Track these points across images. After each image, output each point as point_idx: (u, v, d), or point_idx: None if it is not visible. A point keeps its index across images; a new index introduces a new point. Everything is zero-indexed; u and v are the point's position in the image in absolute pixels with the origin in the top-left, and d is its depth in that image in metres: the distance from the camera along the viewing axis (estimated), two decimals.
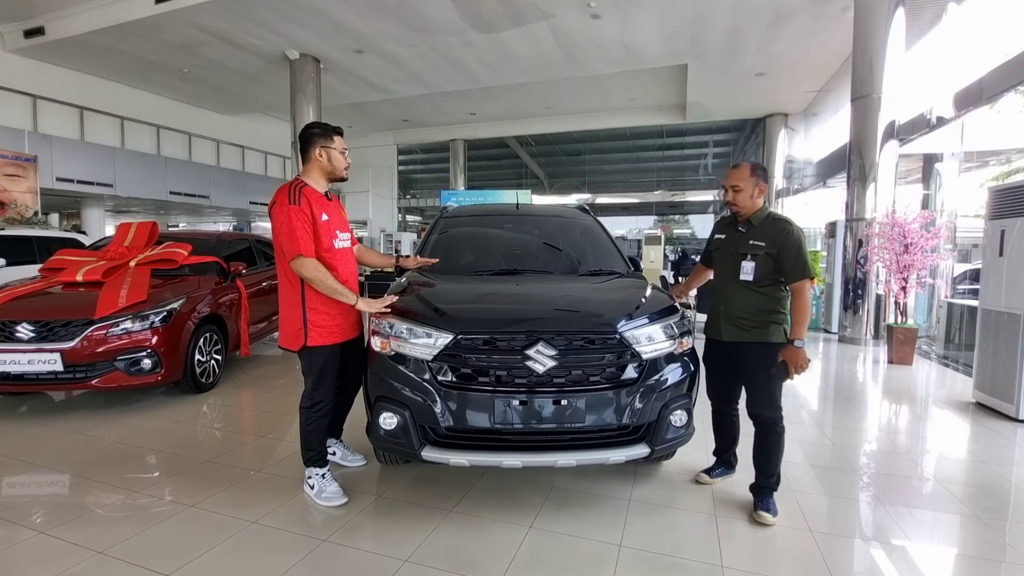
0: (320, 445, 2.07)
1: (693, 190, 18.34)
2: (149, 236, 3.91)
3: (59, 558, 1.67)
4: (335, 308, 1.97)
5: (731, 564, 1.68)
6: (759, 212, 1.99)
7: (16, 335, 2.92)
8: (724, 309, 2.02)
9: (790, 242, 1.88)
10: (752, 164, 2.00)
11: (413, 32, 7.74)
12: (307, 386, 2.02)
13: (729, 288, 2.00)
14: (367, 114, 12.97)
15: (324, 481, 2.05)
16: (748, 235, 1.97)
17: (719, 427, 2.23)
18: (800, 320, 1.88)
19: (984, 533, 1.92)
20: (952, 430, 3.13)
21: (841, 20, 6.85)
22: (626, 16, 7.20)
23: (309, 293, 1.93)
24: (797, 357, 1.84)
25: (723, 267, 2.07)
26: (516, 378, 1.81)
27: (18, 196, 7.57)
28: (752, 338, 1.94)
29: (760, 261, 1.93)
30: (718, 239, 2.12)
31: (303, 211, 1.86)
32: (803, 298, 1.89)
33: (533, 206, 3.88)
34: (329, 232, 1.96)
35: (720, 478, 2.23)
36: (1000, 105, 5.36)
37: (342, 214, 2.09)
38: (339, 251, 2.01)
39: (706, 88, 10.28)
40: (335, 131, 2.00)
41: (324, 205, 1.96)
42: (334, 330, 1.99)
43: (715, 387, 2.18)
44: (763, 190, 1.98)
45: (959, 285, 6.92)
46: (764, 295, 1.94)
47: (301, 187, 1.92)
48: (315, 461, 2.06)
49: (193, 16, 7.06)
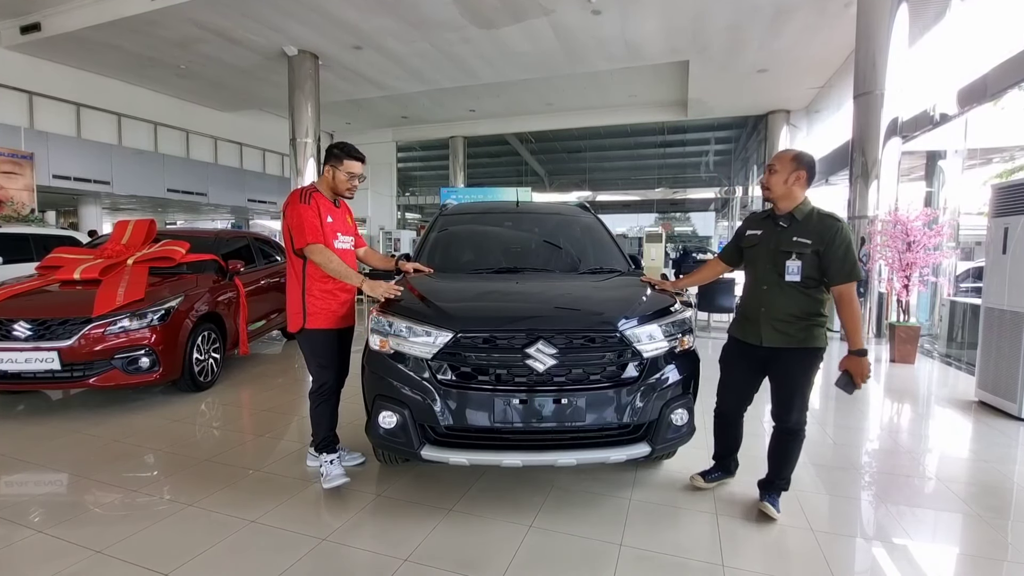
0: (326, 430, 2.17)
1: (694, 187, 18.30)
2: (147, 234, 3.88)
3: (57, 557, 1.66)
4: (331, 296, 2.16)
5: (732, 564, 1.67)
6: (802, 206, 1.82)
7: (13, 333, 2.90)
8: (765, 311, 1.84)
9: (838, 240, 1.73)
10: (799, 152, 1.84)
11: (412, 28, 7.69)
12: (311, 370, 2.20)
13: (772, 289, 1.83)
14: (366, 111, 12.91)
15: (331, 467, 2.13)
16: (791, 231, 1.80)
17: (723, 432, 2.10)
18: (855, 327, 1.76)
19: (986, 532, 1.91)
20: (954, 429, 3.12)
21: (844, 16, 6.80)
22: (627, 12, 7.15)
23: (308, 282, 2.14)
24: (861, 367, 1.74)
25: (762, 266, 1.87)
26: (516, 377, 1.80)
27: (14, 194, 7.54)
28: (795, 343, 1.80)
29: (807, 260, 1.77)
30: (752, 235, 1.92)
31: (312, 209, 2.11)
32: (853, 302, 1.75)
33: (533, 204, 3.85)
34: (330, 233, 2.16)
35: (716, 483, 2.13)
36: (1004, 102, 5.32)
37: (346, 220, 2.31)
38: (339, 251, 2.18)
39: (707, 85, 10.23)
40: (351, 156, 2.21)
41: (330, 210, 2.20)
42: (329, 315, 2.16)
43: (731, 389, 2.01)
44: (801, 179, 1.80)
45: (962, 283, 6.89)
46: (809, 297, 1.80)
47: (312, 191, 2.17)
48: (323, 446, 2.16)
49: (190, 12, 7.01)
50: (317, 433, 2.18)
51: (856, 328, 1.77)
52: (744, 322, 1.94)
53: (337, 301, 2.17)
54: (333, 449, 2.18)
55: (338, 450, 2.21)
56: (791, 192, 1.83)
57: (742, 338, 1.95)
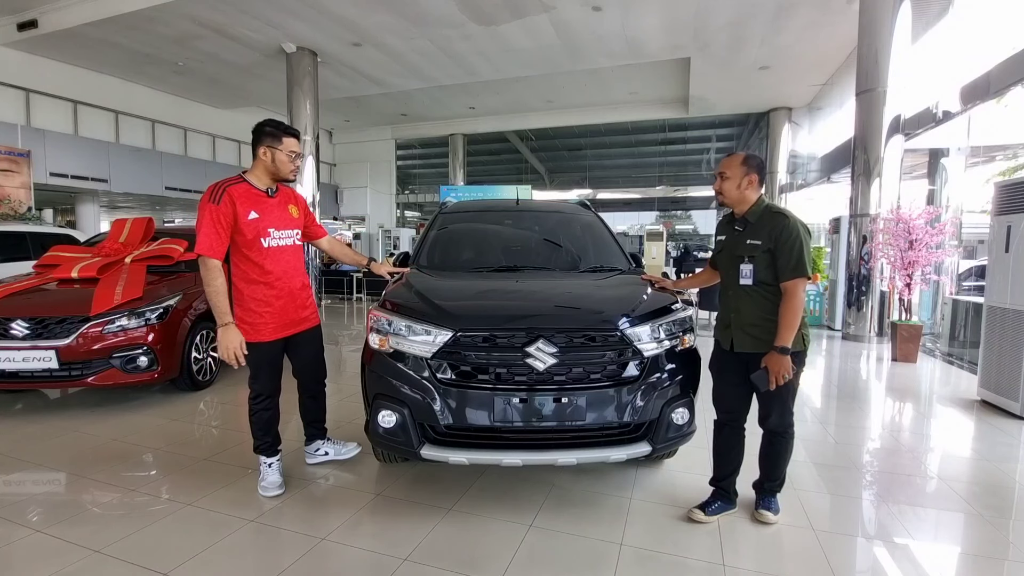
0: (263, 435, 2.07)
1: (696, 185, 18.24)
2: (144, 232, 3.87)
3: (55, 557, 1.65)
4: (263, 305, 1.97)
5: (733, 563, 1.66)
6: (755, 207, 1.83)
7: (11, 332, 2.89)
8: (735, 316, 1.86)
9: (785, 236, 1.72)
10: (746, 154, 1.86)
11: (412, 25, 7.64)
12: (249, 377, 2.06)
13: (736, 294, 1.85)
14: (365, 108, 12.86)
15: (268, 470, 2.08)
16: (745, 234, 1.83)
17: (723, 447, 1.97)
18: (788, 324, 1.70)
19: (988, 531, 1.90)
20: (956, 428, 3.11)
21: (847, 12, 6.75)
22: (628, 8, 7.10)
23: (235, 289, 1.96)
24: (780, 365, 1.69)
25: (727, 271, 1.90)
26: (516, 375, 1.79)
27: (11, 192, 7.50)
28: (766, 348, 1.76)
29: (759, 262, 1.78)
30: (720, 240, 1.98)
31: (220, 210, 1.87)
32: (794, 299, 1.70)
33: (533, 202, 3.83)
34: (256, 230, 1.94)
35: (717, 515, 1.91)
36: (1007, 99, 5.29)
37: (286, 211, 2.06)
38: (271, 249, 1.98)
39: (709, 82, 10.18)
40: (287, 132, 1.99)
41: (257, 203, 1.95)
42: (262, 328, 1.99)
43: (724, 399, 1.95)
44: (753, 182, 1.81)
45: (964, 282, 6.88)
46: (771, 300, 1.78)
47: (228, 186, 1.92)
48: (260, 450, 2.09)
49: (188, 8, 6.97)
50: (254, 438, 2.07)
51: (788, 325, 1.71)
52: (721, 327, 1.95)
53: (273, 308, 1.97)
54: (274, 451, 2.08)
55: (279, 452, 2.11)
56: (744, 196, 1.84)
57: (722, 343, 1.94)
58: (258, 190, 1.98)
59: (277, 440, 2.12)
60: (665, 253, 14.33)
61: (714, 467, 2.01)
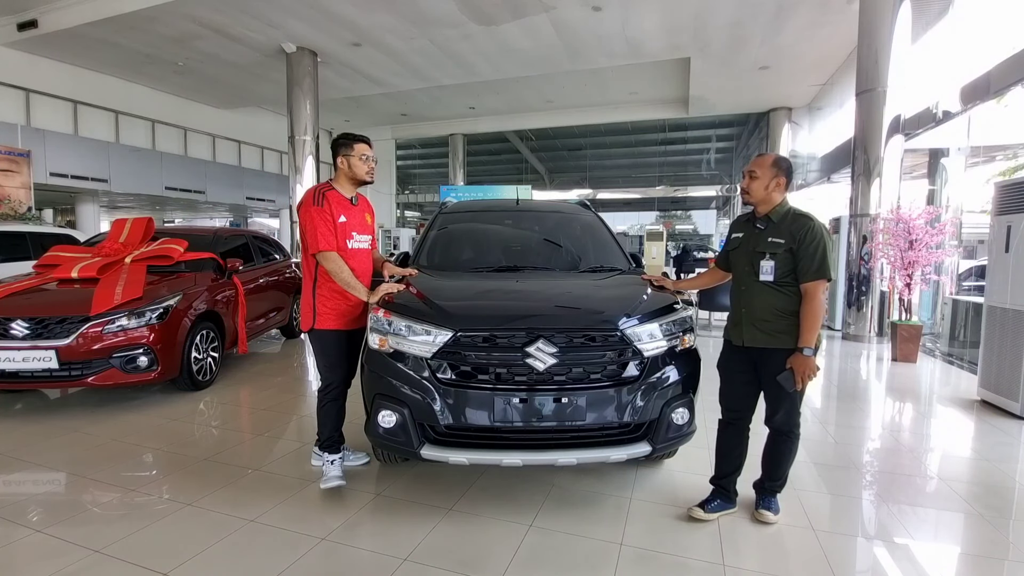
0: (331, 429, 2.15)
1: (696, 185, 18.27)
2: (144, 232, 3.86)
3: (55, 556, 1.65)
4: (339, 298, 2.15)
5: (733, 563, 1.66)
6: (779, 208, 1.86)
7: (11, 332, 2.88)
8: (746, 312, 1.87)
9: (809, 238, 1.75)
10: (777, 156, 1.89)
11: (411, 24, 7.65)
12: (319, 369, 2.20)
13: (750, 289, 1.87)
14: (365, 108, 12.86)
15: (331, 467, 2.13)
16: (767, 232, 1.84)
17: (726, 446, 1.99)
18: (810, 326, 1.75)
19: (988, 531, 1.90)
20: (956, 428, 3.11)
21: (846, 12, 6.75)
22: (628, 8, 7.11)
23: (319, 283, 2.14)
24: (806, 366, 1.72)
25: (742, 267, 1.92)
26: (516, 376, 1.79)
27: (11, 192, 7.50)
28: (777, 343, 1.80)
29: (780, 260, 1.80)
30: (736, 238, 1.98)
31: (324, 212, 2.08)
32: (815, 301, 1.75)
33: (533, 202, 3.83)
34: (344, 233, 2.14)
35: (717, 513, 1.92)
36: (1007, 99, 5.29)
37: (364, 218, 2.27)
38: (352, 251, 2.16)
39: (709, 82, 10.18)
40: (357, 139, 2.19)
41: (345, 209, 2.17)
42: (337, 317, 2.15)
43: (732, 397, 1.96)
44: (780, 184, 1.85)
45: (964, 282, 6.88)
46: (787, 296, 1.81)
47: (326, 191, 2.14)
48: (327, 446, 2.15)
49: (188, 8, 6.97)
50: (322, 432, 2.17)
51: (811, 327, 1.75)
52: (732, 324, 1.97)
53: (348, 302, 2.14)
54: (337, 449, 2.16)
55: (342, 451, 2.19)
56: (770, 196, 1.86)
57: (732, 340, 1.96)
58: (345, 197, 2.18)
59: (341, 437, 2.19)
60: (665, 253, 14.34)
61: (716, 465, 2.03)
